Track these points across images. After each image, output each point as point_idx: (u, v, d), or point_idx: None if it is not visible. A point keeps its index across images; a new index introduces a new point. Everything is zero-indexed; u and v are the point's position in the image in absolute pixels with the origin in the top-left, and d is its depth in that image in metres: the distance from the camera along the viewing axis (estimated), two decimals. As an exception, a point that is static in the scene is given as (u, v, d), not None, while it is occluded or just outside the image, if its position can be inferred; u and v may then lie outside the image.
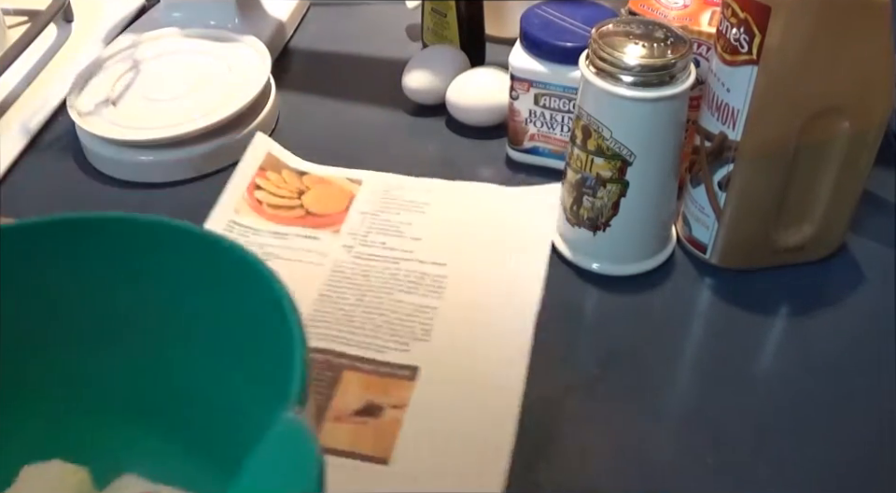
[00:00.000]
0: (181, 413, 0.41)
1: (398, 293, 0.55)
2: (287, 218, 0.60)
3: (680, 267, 0.57)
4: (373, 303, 0.54)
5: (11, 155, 0.67)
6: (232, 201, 0.61)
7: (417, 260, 0.57)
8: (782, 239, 0.55)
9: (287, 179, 0.63)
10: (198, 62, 0.71)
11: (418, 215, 0.61)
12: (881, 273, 0.57)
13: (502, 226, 0.59)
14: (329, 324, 0.53)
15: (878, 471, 0.46)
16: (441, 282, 0.56)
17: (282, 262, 0.57)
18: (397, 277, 0.56)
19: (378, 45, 0.79)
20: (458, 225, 0.60)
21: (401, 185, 0.63)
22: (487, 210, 0.61)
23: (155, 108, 0.67)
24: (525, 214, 0.60)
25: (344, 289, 0.55)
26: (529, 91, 0.62)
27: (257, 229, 0.59)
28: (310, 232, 0.59)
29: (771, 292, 0.56)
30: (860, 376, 0.51)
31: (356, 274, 0.56)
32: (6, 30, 0.79)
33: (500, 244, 0.58)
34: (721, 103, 0.51)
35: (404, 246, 0.58)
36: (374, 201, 0.62)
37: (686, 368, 0.52)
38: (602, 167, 0.53)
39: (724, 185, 0.53)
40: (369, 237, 0.59)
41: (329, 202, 0.62)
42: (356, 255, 0.58)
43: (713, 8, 0.56)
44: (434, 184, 0.63)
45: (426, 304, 0.54)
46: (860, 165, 0.53)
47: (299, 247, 0.58)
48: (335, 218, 0.60)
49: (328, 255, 0.58)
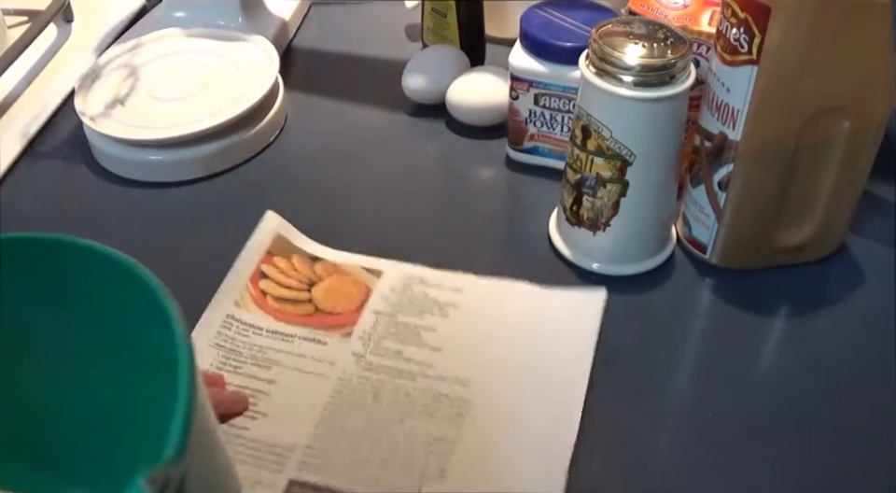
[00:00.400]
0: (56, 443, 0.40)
1: (410, 419, 0.48)
2: (293, 315, 0.54)
3: (680, 267, 0.57)
4: (382, 431, 0.47)
5: (11, 155, 0.67)
6: (234, 291, 0.54)
7: (436, 376, 0.50)
8: (782, 239, 0.55)
9: (297, 267, 0.57)
10: (205, 61, 0.71)
11: (441, 319, 0.53)
12: (881, 273, 0.57)
13: (538, 339, 0.52)
14: (331, 454, 0.46)
15: (878, 470, 0.46)
16: (462, 407, 0.48)
17: (284, 371, 0.51)
18: (411, 398, 0.49)
19: (378, 45, 0.79)
20: (486, 335, 0.53)
21: (425, 279, 0.56)
22: (521, 317, 0.53)
23: (163, 108, 0.67)
24: (566, 323, 0.53)
25: (350, 410, 0.48)
26: (529, 91, 0.62)
27: (258, 327, 0.53)
28: (318, 335, 0.53)
29: (771, 292, 0.56)
30: (860, 376, 0.51)
31: (364, 391, 0.49)
32: (6, 30, 0.79)
33: (534, 362, 0.51)
34: (721, 103, 0.51)
35: (422, 358, 0.51)
36: (393, 298, 0.55)
37: (686, 368, 0.52)
38: (602, 167, 0.53)
39: (724, 185, 0.53)
40: (383, 344, 0.52)
41: (341, 298, 0.55)
42: (366, 366, 0.51)
43: (713, 8, 0.56)
44: (464, 281, 0.56)
45: (442, 435, 0.47)
46: (860, 165, 0.53)
47: (304, 354, 0.51)
48: (347, 317, 0.54)
49: (335, 364, 0.51)
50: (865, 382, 0.50)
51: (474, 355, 0.51)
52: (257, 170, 0.67)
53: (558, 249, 0.58)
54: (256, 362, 0.51)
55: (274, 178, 0.66)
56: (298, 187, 0.65)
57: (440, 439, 0.47)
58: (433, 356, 0.51)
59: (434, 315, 0.54)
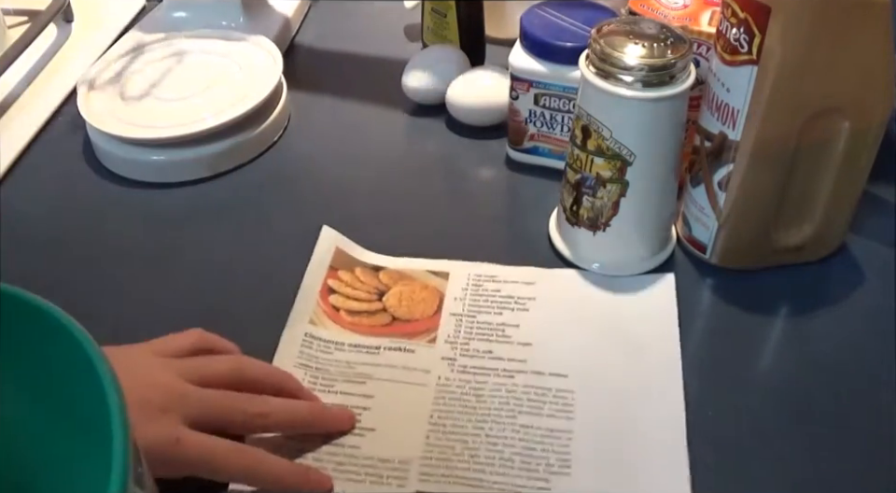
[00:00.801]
0: None
1: (521, 416, 0.47)
2: (371, 326, 0.53)
3: (680, 267, 0.57)
4: (495, 431, 0.47)
5: (11, 155, 0.67)
6: (307, 310, 0.53)
7: (534, 371, 0.50)
8: (782, 239, 0.55)
9: (362, 278, 0.56)
10: (208, 61, 0.71)
11: (522, 313, 0.53)
12: (881, 273, 0.57)
13: (620, 320, 0.53)
14: (451, 463, 0.45)
15: (878, 469, 0.46)
16: (568, 397, 0.48)
17: (379, 385, 0.49)
18: (515, 395, 0.49)
19: (378, 45, 0.80)
20: (570, 324, 0.53)
21: (494, 276, 0.56)
22: (599, 304, 0.54)
23: (166, 108, 0.67)
24: (642, 302, 0.54)
25: (458, 415, 0.48)
26: (529, 91, 0.62)
27: (339, 342, 0.52)
28: (402, 344, 0.52)
29: (771, 292, 0.56)
30: (859, 376, 0.51)
31: (466, 394, 0.49)
32: (6, 30, 0.79)
33: (623, 342, 0.51)
34: (721, 103, 0.51)
35: (514, 355, 0.51)
36: (467, 298, 0.54)
37: (686, 368, 0.52)
38: (602, 167, 0.53)
39: (724, 185, 0.53)
40: (471, 346, 0.52)
41: (415, 304, 0.54)
42: (460, 369, 0.50)
43: (713, 8, 0.56)
44: (533, 274, 0.56)
45: (556, 428, 0.47)
46: (860, 165, 0.53)
47: (394, 364, 0.51)
48: (427, 323, 0.53)
49: (429, 372, 0.50)
50: (865, 382, 0.50)
51: (564, 346, 0.51)
52: (260, 170, 0.67)
53: (558, 249, 0.58)
54: (347, 379, 0.50)
55: (277, 178, 0.66)
56: (299, 187, 0.65)
57: (554, 432, 0.47)
58: (524, 351, 0.51)
59: (513, 310, 0.54)
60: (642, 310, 0.53)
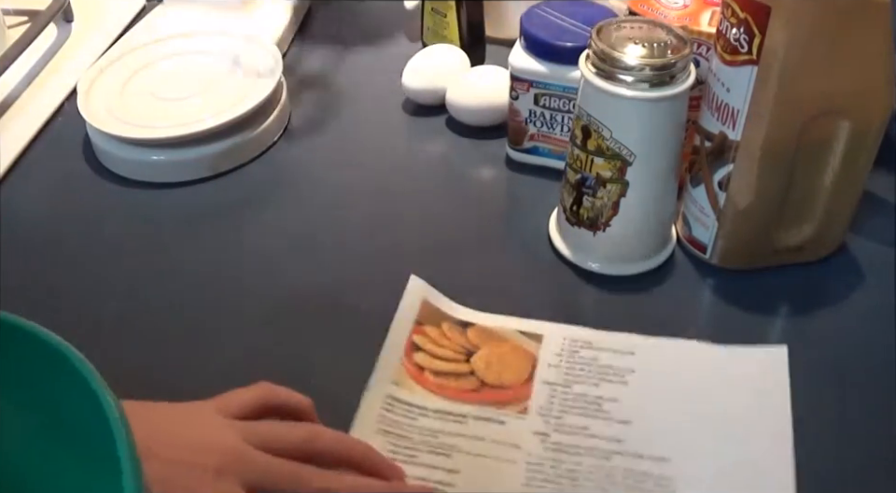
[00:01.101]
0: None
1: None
2: (457, 390, 0.49)
3: (680, 267, 0.57)
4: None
5: (12, 155, 0.67)
6: (390, 368, 0.50)
7: (632, 453, 0.46)
8: (782, 239, 0.55)
9: (448, 335, 0.52)
10: (208, 61, 0.71)
11: (621, 387, 0.49)
12: (881, 273, 0.57)
13: (727, 398, 0.48)
14: None
15: (878, 469, 0.46)
16: (669, 485, 0.44)
17: (465, 459, 0.46)
18: (612, 480, 0.45)
19: (378, 45, 0.80)
20: (673, 403, 0.49)
21: (590, 342, 0.52)
22: (705, 380, 0.50)
23: (166, 108, 0.67)
24: (755, 384, 0.49)
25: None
26: (529, 91, 0.62)
27: (423, 407, 0.48)
28: (491, 413, 0.48)
29: (771, 292, 0.56)
30: (860, 376, 0.51)
31: (559, 476, 0.45)
32: (6, 30, 0.79)
33: (729, 423, 0.47)
34: (721, 103, 0.51)
35: (612, 434, 0.47)
36: (562, 366, 0.51)
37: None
38: (602, 167, 0.53)
39: (724, 185, 0.53)
40: (565, 420, 0.48)
41: (506, 369, 0.50)
42: (554, 447, 0.46)
43: (713, 8, 0.56)
44: (632, 343, 0.52)
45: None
46: (860, 165, 0.53)
47: (482, 437, 0.47)
48: (518, 391, 0.49)
49: (520, 447, 0.46)
50: (865, 381, 0.50)
51: (666, 426, 0.47)
52: (260, 170, 0.67)
53: (558, 249, 0.58)
54: (432, 449, 0.46)
55: (277, 178, 0.66)
56: (298, 187, 0.65)
57: None
58: (623, 430, 0.47)
59: (612, 382, 0.50)
60: (752, 387, 0.49)
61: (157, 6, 0.81)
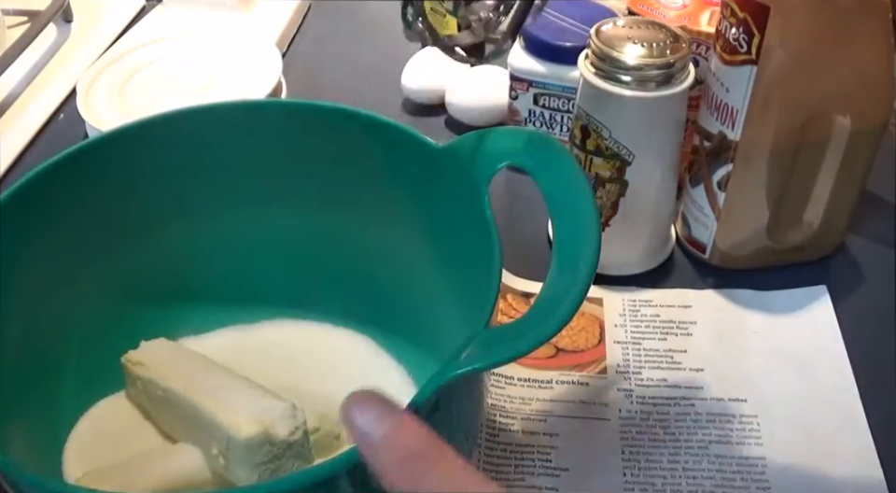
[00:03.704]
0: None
1: (712, 445, 0.46)
2: (535, 359, 0.51)
3: (680, 267, 0.57)
4: (691, 464, 0.45)
5: (12, 155, 0.67)
6: None
7: (712, 397, 0.49)
8: (782, 239, 0.55)
9: (515, 306, 0.54)
10: (207, 62, 0.71)
11: (686, 338, 0.52)
12: (881, 273, 0.57)
13: (782, 339, 0.52)
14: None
15: (879, 469, 0.46)
16: (752, 423, 0.47)
17: (561, 421, 0.48)
18: (701, 424, 0.47)
19: (378, 45, 0.79)
20: (737, 347, 0.52)
21: (648, 300, 0.55)
22: (758, 323, 0.53)
23: (166, 108, 0.66)
24: (800, 319, 0.53)
25: (649, 449, 0.46)
26: (529, 90, 0.62)
27: (509, 376, 0.50)
28: (574, 376, 0.50)
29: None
30: (860, 376, 0.50)
31: (650, 426, 0.47)
32: (5, 30, 0.79)
33: (791, 361, 0.50)
34: (721, 103, 0.51)
35: (688, 382, 0.50)
36: (627, 325, 0.53)
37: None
38: (601, 167, 0.53)
39: (724, 185, 0.53)
40: (643, 375, 0.50)
41: (577, 333, 0.53)
42: (639, 400, 0.49)
43: (712, 8, 0.56)
44: (687, 297, 0.55)
45: (749, 455, 0.46)
46: (860, 165, 0.53)
47: (570, 399, 0.49)
48: (593, 353, 0.51)
49: (608, 405, 0.49)
50: (865, 382, 0.50)
51: (736, 369, 0.50)
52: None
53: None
54: (527, 416, 0.48)
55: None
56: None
57: (749, 460, 0.46)
58: (698, 377, 0.50)
59: (677, 335, 0.52)
60: (801, 326, 0.52)
61: (157, 6, 0.81)
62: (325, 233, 0.49)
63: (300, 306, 0.51)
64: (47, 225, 0.43)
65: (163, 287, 0.49)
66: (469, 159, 0.41)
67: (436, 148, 0.43)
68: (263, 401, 0.42)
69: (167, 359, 0.45)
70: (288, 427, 0.40)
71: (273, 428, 0.40)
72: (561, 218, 0.38)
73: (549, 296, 0.35)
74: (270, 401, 0.42)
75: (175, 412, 0.43)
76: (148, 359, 0.45)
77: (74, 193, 0.44)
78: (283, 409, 0.41)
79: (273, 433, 0.40)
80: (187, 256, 0.49)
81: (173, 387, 0.43)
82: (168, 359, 0.45)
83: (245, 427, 0.39)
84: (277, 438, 0.40)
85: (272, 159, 0.48)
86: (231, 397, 0.42)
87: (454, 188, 0.41)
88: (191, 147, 0.47)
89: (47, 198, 0.43)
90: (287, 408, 0.41)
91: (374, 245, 0.48)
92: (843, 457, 0.46)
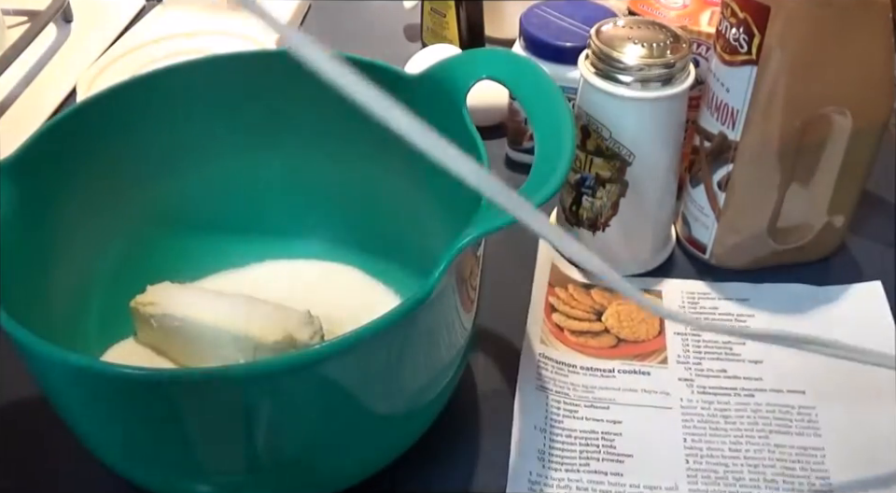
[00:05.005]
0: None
1: (772, 435, 0.47)
2: (597, 348, 0.52)
3: (680, 267, 0.57)
4: (752, 452, 0.46)
5: (11, 155, 0.67)
6: (537, 329, 0.53)
7: (772, 389, 0.49)
8: (782, 239, 0.55)
9: (576, 296, 0.55)
10: None
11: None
12: (881, 273, 0.57)
13: (839, 332, 0.51)
14: (717, 488, 0.45)
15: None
16: (810, 414, 0.48)
17: (624, 409, 0.49)
18: (760, 414, 0.48)
19: (378, 45, 0.79)
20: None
21: (706, 292, 0.56)
22: (816, 317, 0.54)
23: None
24: (856, 312, 0.54)
25: (710, 437, 0.47)
26: (529, 91, 0.61)
27: (571, 365, 0.51)
28: (635, 366, 0.51)
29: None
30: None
31: (712, 415, 0.48)
32: (5, 30, 0.79)
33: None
34: (721, 103, 0.51)
35: (748, 373, 0.50)
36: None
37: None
38: (601, 167, 0.53)
39: (724, 185, 0.53)
40: (704, 365, 0.51)
41: (637, 324, 0.53)
42: (700, 390, 0.50)
43: (713, 8, 0.56)
44: (744, 290, 0.55)
45: (808, 446, 0.46)
46: (860, 165, 0.53)
47: (632, 388, 0.50)
48: (654, 344, 0.52)
49: (670, 394, 0.49)
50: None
51: (794, 362, 0.50)
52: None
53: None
54: (590, 404, 0.49)
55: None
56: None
57: (808, 450, 0.46)
58: (756, 369, 0.51)
59: (735, 327, 0.53)
60: (857, 319, 0.53)
61: (157, 6, 0.81)
62: (311, 172, 0.52)
63: (289, 247, 0.54)
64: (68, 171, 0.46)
65: (157, 238, 0.52)
66: (448, 79, 0.45)
67: (411, 78, 0.47)
68: (281, 311, 0.46)
69: (177, 295, 0.48)
70: (308, 332, 0.45)
71: (295, 332, 0.44)
72: (539, 116, 0.44)
73: (544, 157, 0.42)
74: (287, 311, 0.46)
75: (194, 340, 0.46)
76: (159, 298, 0.47)
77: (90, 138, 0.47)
78: (301, 316, 0.45)
79: (296, 338, 0.44)
80: (178, 208, 0.52)
81: (190, 315, 0.46)
82: (178, 294, 0.48)
83: (271, 333, 0.44)
84: (300, 342, 0.44)
85: (254, 104, 0.51)
86: (249, 312, 0.46)
87: (435, 108, 0.42)
88: (185, 98, 0.51)
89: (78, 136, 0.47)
90: (304, 315, 0.45)
91: (360, 176, 0.52)
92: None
